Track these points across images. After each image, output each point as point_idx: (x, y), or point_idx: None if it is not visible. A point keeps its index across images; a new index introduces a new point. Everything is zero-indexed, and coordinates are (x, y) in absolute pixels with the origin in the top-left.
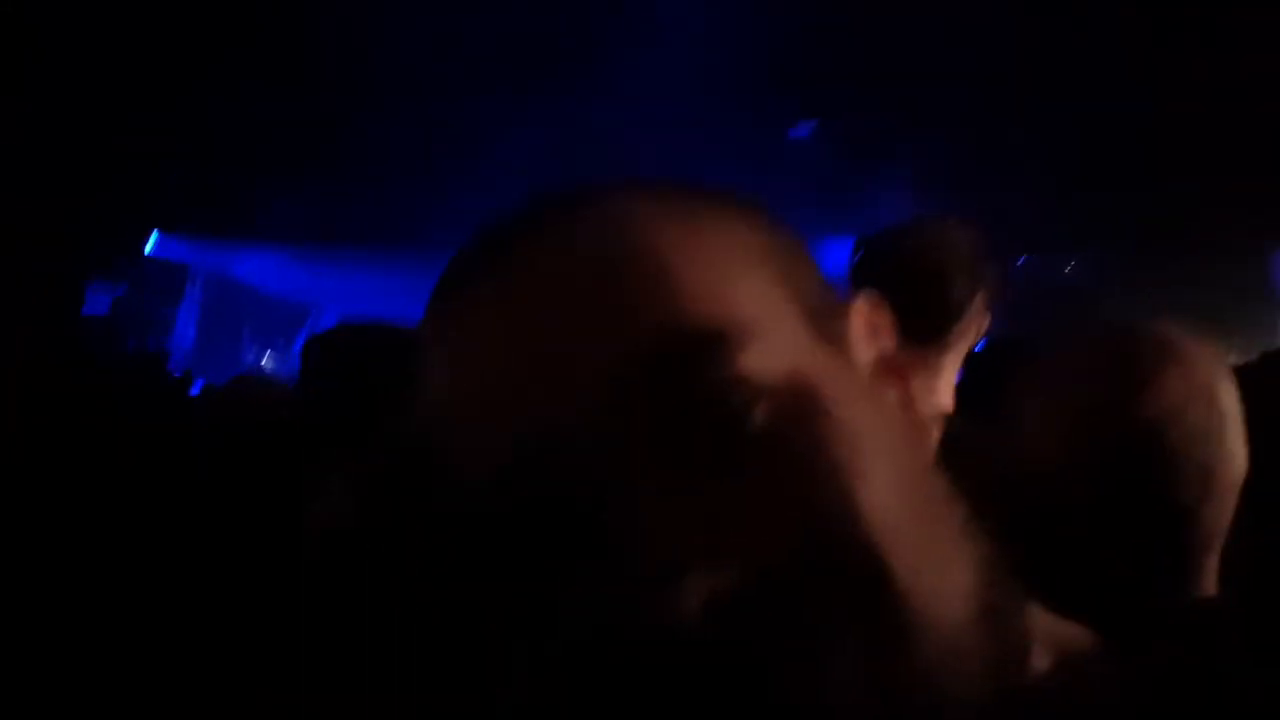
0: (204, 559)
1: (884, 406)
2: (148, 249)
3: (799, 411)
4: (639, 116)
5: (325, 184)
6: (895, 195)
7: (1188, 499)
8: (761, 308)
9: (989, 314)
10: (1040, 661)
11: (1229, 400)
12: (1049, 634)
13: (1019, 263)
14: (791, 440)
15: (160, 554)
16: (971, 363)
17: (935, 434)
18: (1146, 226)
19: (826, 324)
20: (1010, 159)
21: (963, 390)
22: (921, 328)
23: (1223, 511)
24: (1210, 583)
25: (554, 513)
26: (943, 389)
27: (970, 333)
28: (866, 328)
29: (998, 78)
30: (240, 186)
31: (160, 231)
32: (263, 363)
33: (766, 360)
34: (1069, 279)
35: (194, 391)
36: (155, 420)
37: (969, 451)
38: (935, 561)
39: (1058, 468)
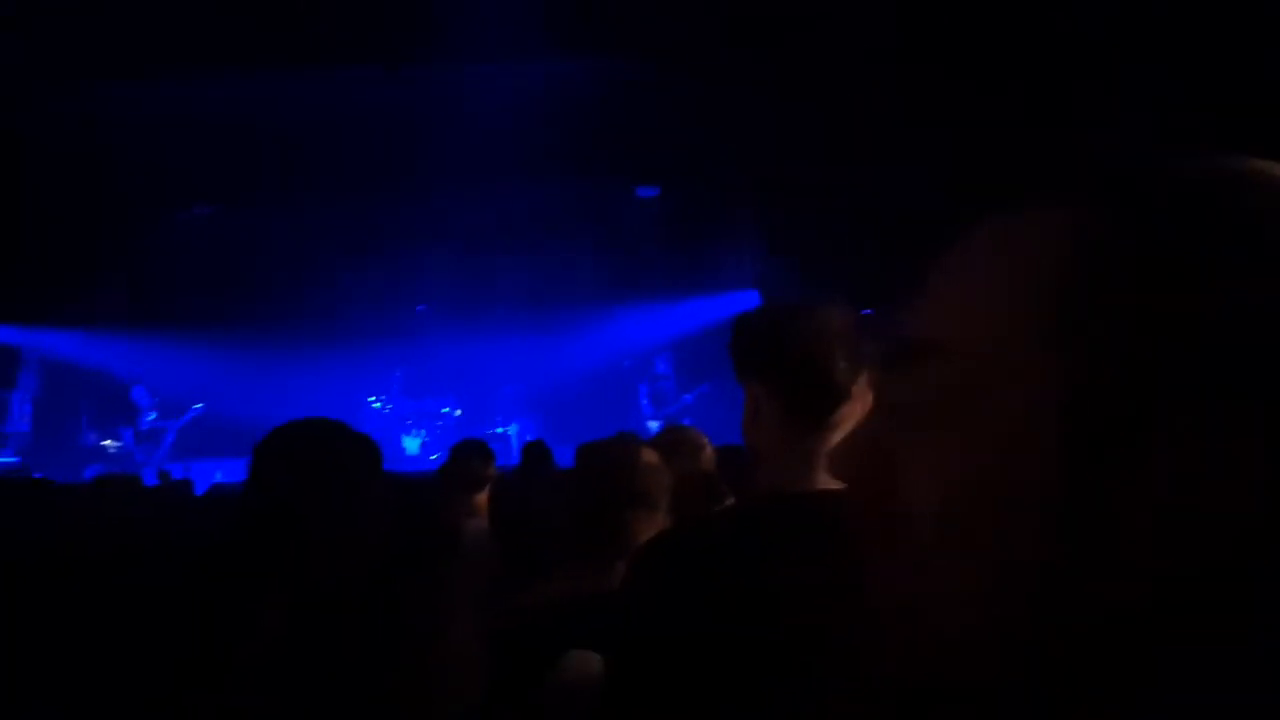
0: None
1: None
2: None
3: None
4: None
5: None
6: (738, 255)
7: None
8: None
9: (871, 393)
10: None
11: None
12: None
13: (864, 314)
14: None
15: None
16: None
17: None
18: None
19: None
20: (840, 219)
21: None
22: (807, 410)
23: None
24: None
25: None
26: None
27: (855, 414)
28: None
29: (829, 144)
30: (63, 279)
31: None
32: (105, 444)
33: None
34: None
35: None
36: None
37: None
38: None
39: None
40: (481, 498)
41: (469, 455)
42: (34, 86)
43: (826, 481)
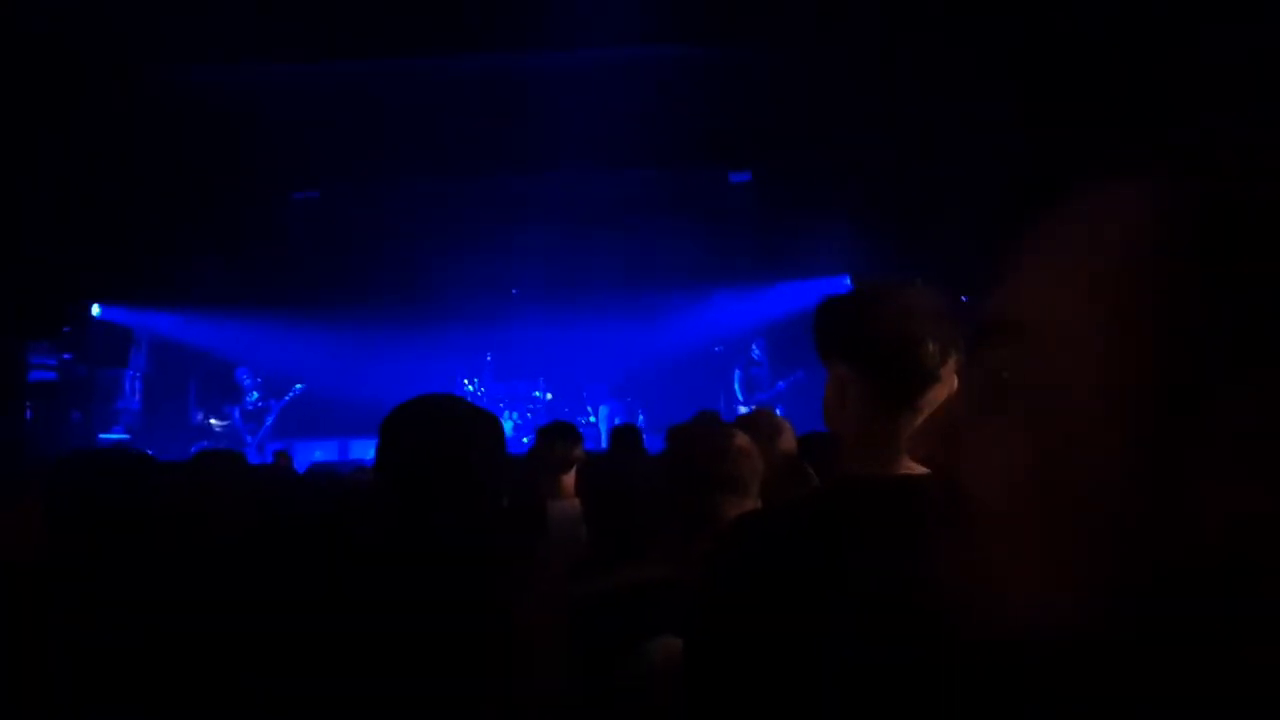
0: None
1: None
2: (93, 315)
3: None
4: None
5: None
6: (831, 240)
7: None
8: None
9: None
10: None
11: None
12: None
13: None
14: None
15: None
16: None
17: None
18: None
19: None
20: (937, 202)
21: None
22: (893, 392)
23: None
24: None
25: None
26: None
27: (943, 398)
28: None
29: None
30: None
31: (102, 303)
32: (211, 423)
33: None
34: None
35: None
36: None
37: None
38: None
39: None
40: (568, 479)
41: (556, 437)
42: (147, 70)
43: (911, 466)
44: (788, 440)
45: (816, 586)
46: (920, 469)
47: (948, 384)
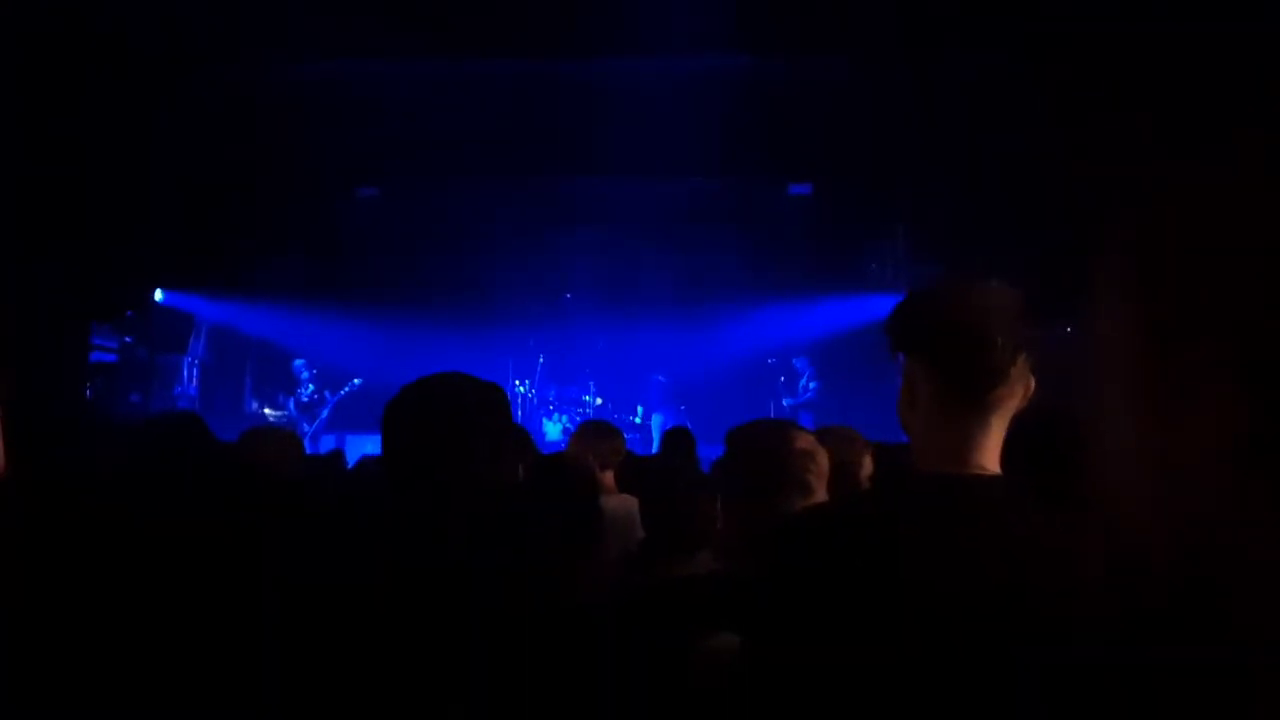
0: None
1: None
2: (155, 300)
3: None
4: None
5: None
6: (888, 257)
7: None
8: None
9: (1033, 377)
10: None
11: None
12: None
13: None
14: None
15: None
16: (1015, 427)
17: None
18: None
19: None
20: (999, 224)
21: (1007, 454)
22: (963, 389)
23: None
24: None
25: None
26: (987, 452)
27: (1015, 396)
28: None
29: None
30: (235, 250)
31: (165, 289)
32: (266, 412)
33: None
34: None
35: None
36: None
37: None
38: None
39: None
40: (608, 476)
41: (597, 434)
42: (218, 67)
43: (980, 465)
44: (858, 450)
45: (876, 585)
46: (991, 469)
47: (1021, 383)
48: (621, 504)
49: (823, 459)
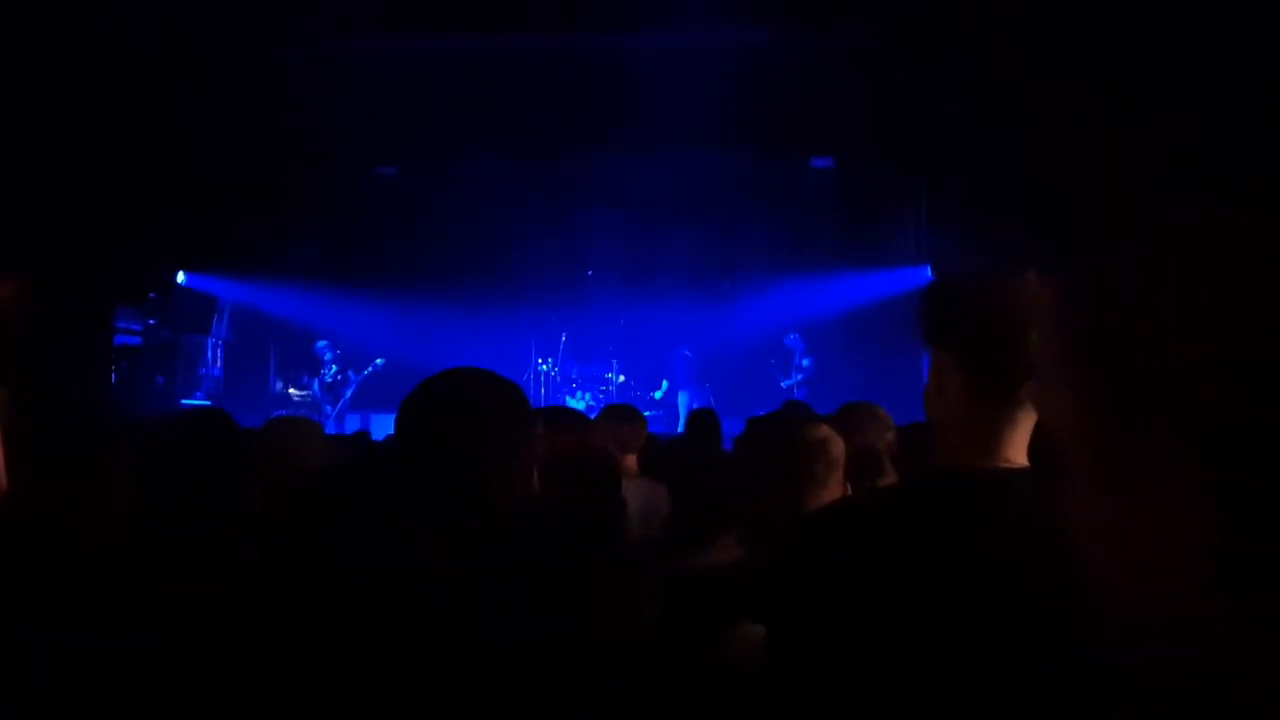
0: None
1: None
2: (178, 282)
3: None
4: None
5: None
6: (911, 230)
7: None
8: None
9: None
10: None
11: None
12: None
13: None
14: None
15: None
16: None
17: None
18: None
19: None
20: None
21: (1034, 447)
22: (992, 382)
23: None
24: None
25: None
26: (1015, 445)
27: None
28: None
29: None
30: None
31: (188, 272)
32: (291, 392)
33: None
34: None
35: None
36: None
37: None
38: None
39: None
40: (631, 460)
41: (620, 418)
42: (241, 51)
43: (1008, 458)
44: (873, 434)
45: (899, 579)
46: (1020, 462)
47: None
48: (643, 488)
49: (835, 449)
